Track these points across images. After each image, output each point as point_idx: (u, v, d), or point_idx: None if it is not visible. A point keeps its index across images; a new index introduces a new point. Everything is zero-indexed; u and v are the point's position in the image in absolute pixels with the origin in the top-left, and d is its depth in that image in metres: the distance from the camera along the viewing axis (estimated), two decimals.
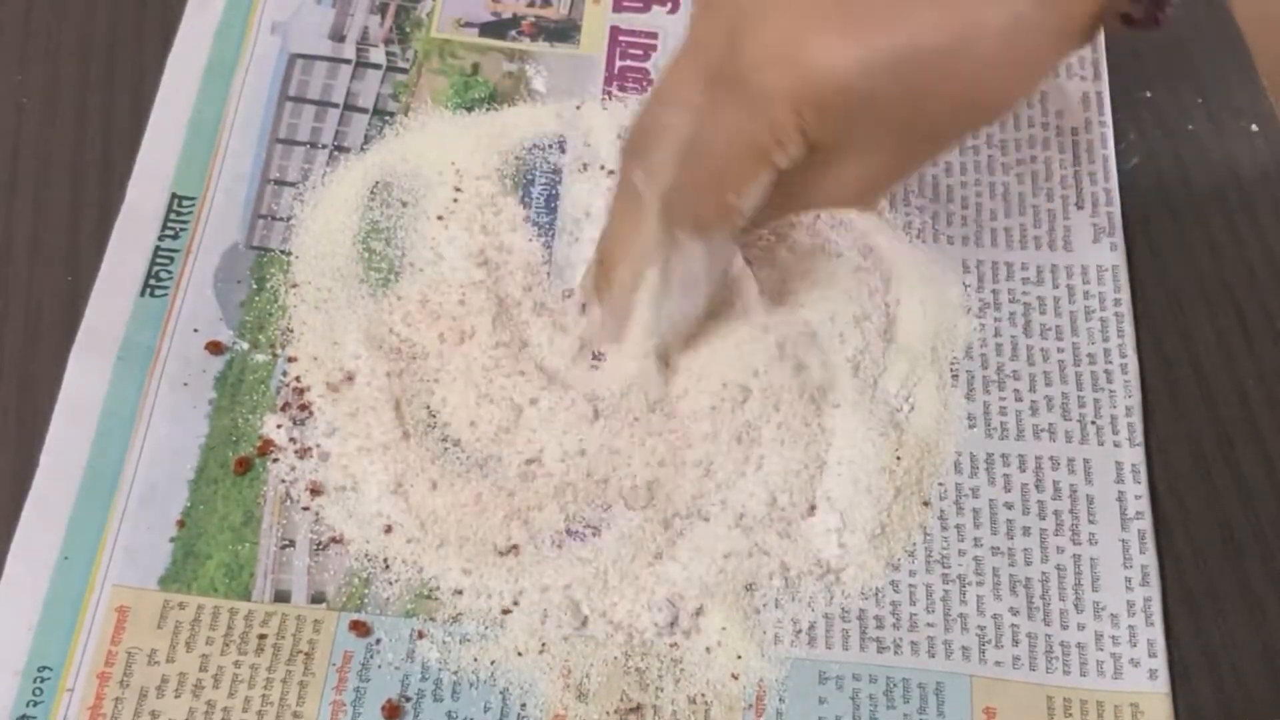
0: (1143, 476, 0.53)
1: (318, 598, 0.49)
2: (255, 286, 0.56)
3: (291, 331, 0.55)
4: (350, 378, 0.53)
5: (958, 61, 0.43)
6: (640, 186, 0.49)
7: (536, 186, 0.59)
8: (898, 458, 0.53)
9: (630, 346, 0.53)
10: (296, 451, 0.52)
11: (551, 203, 0.59)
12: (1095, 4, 0.45)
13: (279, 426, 0.52)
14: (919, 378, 0.55)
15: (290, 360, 0.54)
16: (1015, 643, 0.50)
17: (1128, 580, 0.51)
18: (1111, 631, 0.50)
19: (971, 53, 0.43)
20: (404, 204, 0.58)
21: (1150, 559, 0.51)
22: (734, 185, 0.47)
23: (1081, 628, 0.50)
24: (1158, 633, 0.50)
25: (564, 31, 0.64)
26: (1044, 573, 0.51)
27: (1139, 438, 0.54)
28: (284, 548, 0.50)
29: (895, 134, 0.45)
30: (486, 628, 0.49)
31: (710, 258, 0.50)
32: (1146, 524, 0.52)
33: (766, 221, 0.51)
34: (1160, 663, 0.49)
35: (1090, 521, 0.52)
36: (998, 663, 0.49)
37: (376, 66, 0.62)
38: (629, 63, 0.63)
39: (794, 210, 0.52)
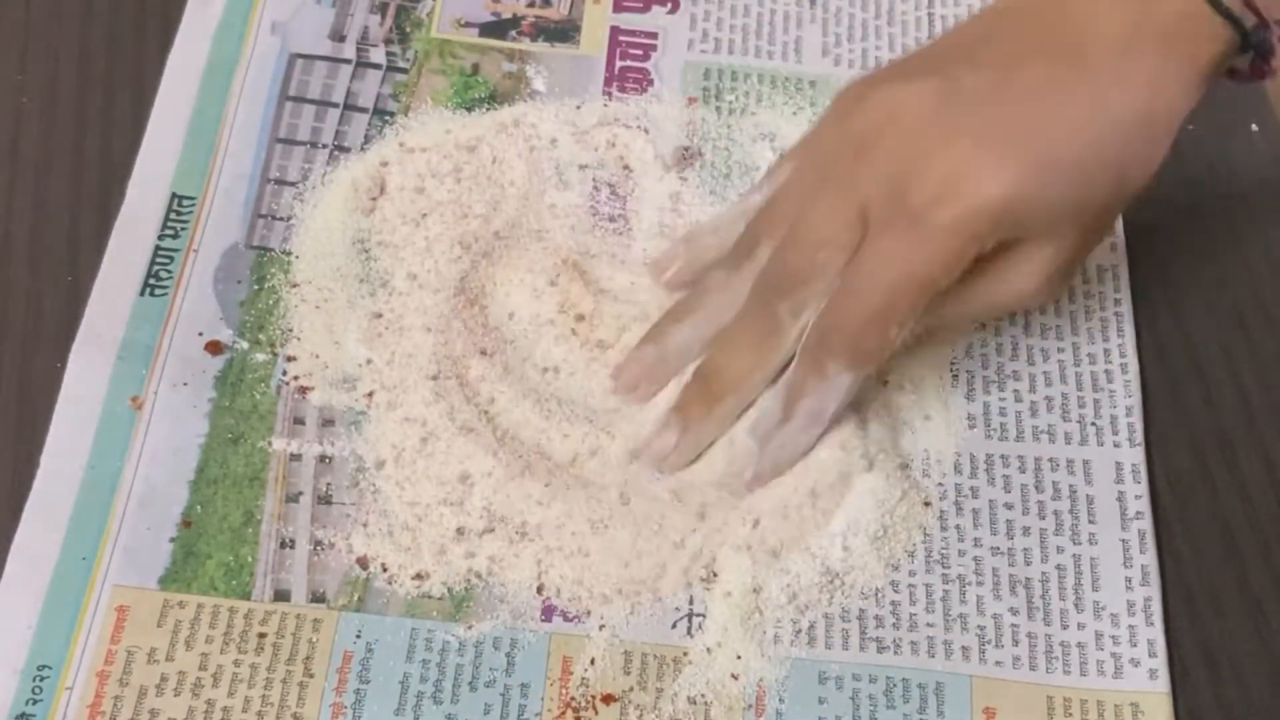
0: (1143, 476, 0.53)
1: (318, 597, 0.49)
2: (255, 286, 0.56)
3: (291, 331, 0.55)
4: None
5: (1108, 149, 0.47)
6: (785, 319, 0.49)
7: None
8: (898, 458, 0.53)
9: (709, 471, 0.51)
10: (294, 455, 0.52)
11: None
12: (1216, 48, 0.47)
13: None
14: (919, 378, 0.55)
15: (290, 360, 0.54)
16: (1015, 643, 0.50)
17: (1128, 580, 0.51)
18: (1111, 631, 0.50)
19: (1119, 137, 0.47)
20: None
21: (1150, 559, 0.51)
22: (898, 318, 0.47)
23: (1081, 627, 0.50)
24: (1158, 633, 0.50)
25: (564, 32, 0.64)
26: (1044, 573, 0.51)
27: (1139, 438, 0.54)
28: (283, 547, 0.50)
29: (1063, 227, 0.47)
30: (487, 627, 0.49)
31: (849, 392, 0.49)
32: (1146, 524, 0.52)
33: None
34: (1160, 663, 0.49)
35: (1090, 521, 0.52)
36: (998, 663, 0.49)
37: (376, 66, 0.62)
38: (629, 63, 0.63)
39: (954, 321, 0.54)
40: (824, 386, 0.49)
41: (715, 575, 0.50)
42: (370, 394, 0.53)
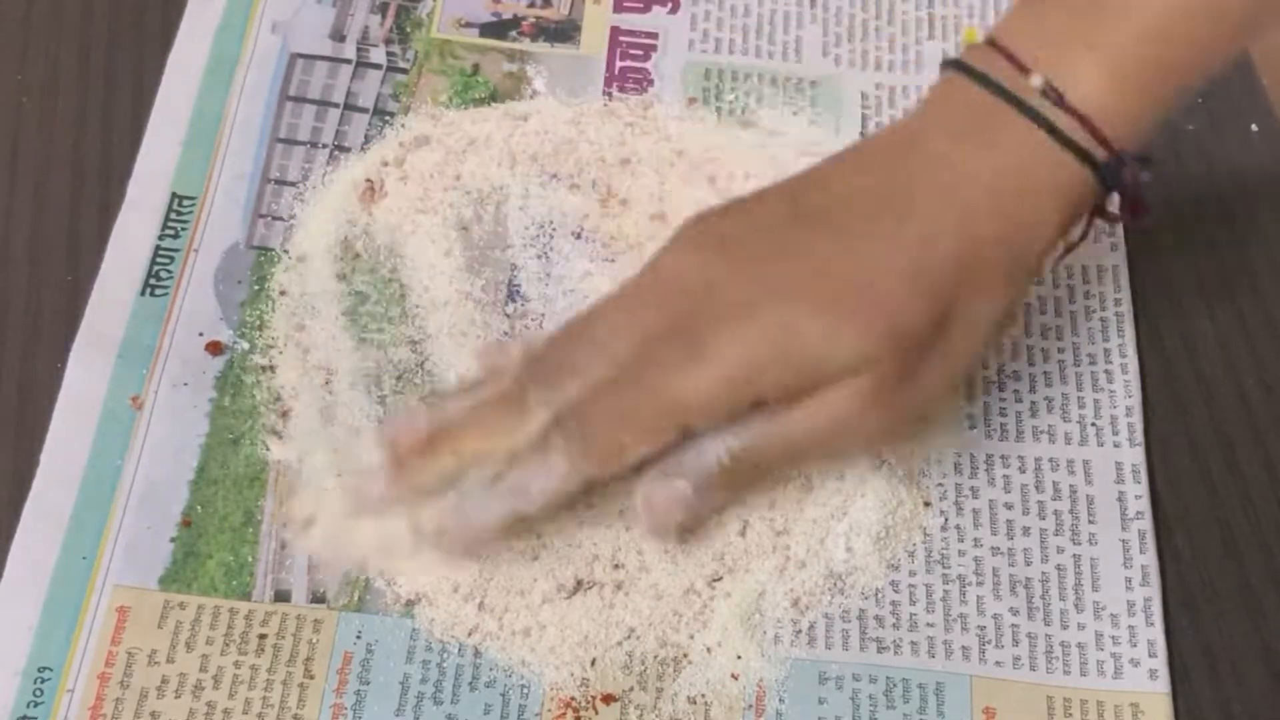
0: (1143, 476, 0.53)
1: (318, 598, 0.49)
2: (255, 286, 0.56)
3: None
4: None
5: (925, 279, 0.46)
6: (533, 404, 0.46)
7: None
8: (904, 460, 0.53)
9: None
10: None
11: None
12: (1044, 242, 0.47)
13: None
14: None
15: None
16: (1015, 643, 0.50)
17: (1128, 580, 0.51)
18: (1111, 631, 0.50)
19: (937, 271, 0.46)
20: None
21: (1150, 559, 0.51)
22: (636, 430, 0.46)
23: (1082, 628, 0.50)
24: (1158, 633, 0.50)
25: (564, 32, 0.64)
26: (1044, 573, 0.51)
27: (1139, 438, 0.54)
28: (284, 547, 0.50)
29: (862, 359, 0.45)
30: (487, 629, 0.49)
31: (565, 478, 0.46)
32: (1146, 524, 0.52)
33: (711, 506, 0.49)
34: (1160, 663, 0.49)
35: (1090, 521, 0.52)
36: (998, 663, 0.49)
37: (377, 66, 0.62)
38: (629, 63, 0.63)
39: (779, 454, 0.48)
40: (545, 466, 0.46)
41: (720, 576, 0.50)
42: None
